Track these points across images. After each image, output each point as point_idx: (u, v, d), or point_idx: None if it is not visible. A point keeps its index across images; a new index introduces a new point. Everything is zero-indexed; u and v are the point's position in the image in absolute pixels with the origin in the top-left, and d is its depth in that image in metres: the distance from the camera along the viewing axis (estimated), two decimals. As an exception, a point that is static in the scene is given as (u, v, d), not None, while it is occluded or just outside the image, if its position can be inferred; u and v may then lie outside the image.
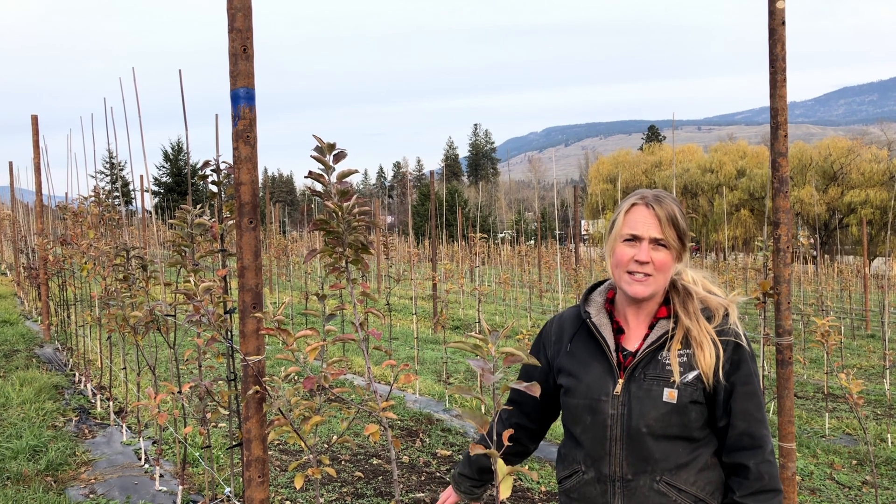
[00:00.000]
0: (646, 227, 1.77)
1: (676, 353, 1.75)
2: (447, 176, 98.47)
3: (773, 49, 2.39)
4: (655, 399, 1.73)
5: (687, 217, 1.86)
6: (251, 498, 2.04)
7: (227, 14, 1.90)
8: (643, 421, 1.73)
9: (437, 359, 9.68)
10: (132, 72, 4.36)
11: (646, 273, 1.77)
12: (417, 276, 15.22)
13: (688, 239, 1.83)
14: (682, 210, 1.83)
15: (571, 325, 1.94)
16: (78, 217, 5.97)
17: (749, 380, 1.74)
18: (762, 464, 1.71)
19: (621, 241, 1.81)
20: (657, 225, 1.77)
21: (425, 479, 4.96)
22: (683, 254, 1.83)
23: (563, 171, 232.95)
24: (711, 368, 1.71)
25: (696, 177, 49.92)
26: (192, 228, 3.09)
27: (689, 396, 1.72)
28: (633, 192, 1.86)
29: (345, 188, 1.81)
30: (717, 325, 1.77)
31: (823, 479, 5.34)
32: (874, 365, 10.74)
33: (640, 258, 1.76)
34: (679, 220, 1.79)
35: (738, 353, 1.75)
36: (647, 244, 1.77)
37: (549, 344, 1.98)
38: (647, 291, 1.78)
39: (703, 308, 1.80)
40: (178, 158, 54.67)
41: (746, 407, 1.72)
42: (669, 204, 1.79)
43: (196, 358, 3.30)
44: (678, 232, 1.79)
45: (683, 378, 1.73)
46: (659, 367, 1.76)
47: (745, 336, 1.79)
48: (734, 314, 1.79)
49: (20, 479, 4.54)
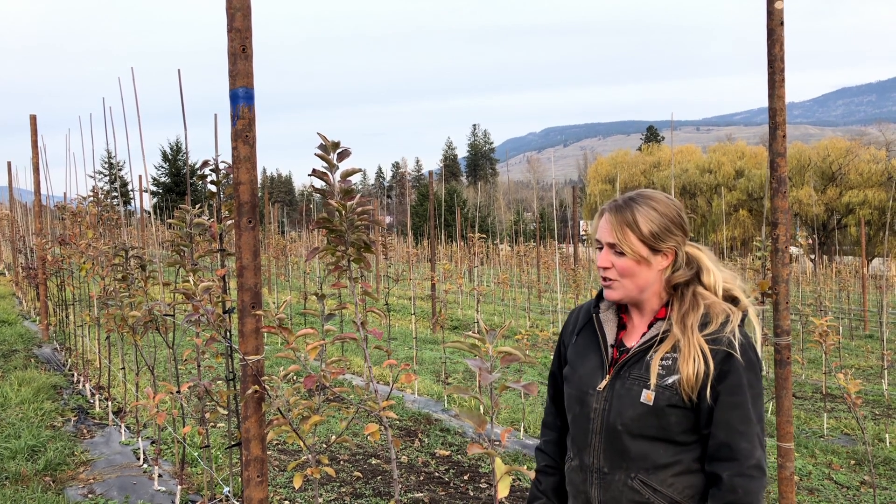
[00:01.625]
0: (603, 233, 1.82)
1: (662, 355, 1.75)
2: (446, 176, 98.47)
3: (772, 49, 2.39)
4: (633, 399, 1.75)
5: (672, 218, 1.79)
6: (250, 497, 2.04)
7: (226, 14, 1.90)
8: (620, 419, 1.76)
9: (436, 359, 9.68)
10: (131, 72, 4.36)
11: (609, 277, 1.82)
12: (416, 277, 15.22)
13: (666, 241, 1.78)
14: (660, 213, 1.78)
15: (583, 318, 1.99)
16: (76, 217, 5.97)
17: (735, 391, 1.69)
18: (737, 477, 1.66)
19: (596, 246, 1.87)
20: (610, 230, 1.80)
21: (424, 479, 4.97)
22: (658, 258, 1.79)
23: (562, 171, 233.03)
24: (692, 381, 1.69)
25: (694, 177, 49.94)
26: (190, 228, 3.09)
27: (666, 400, 1.71)
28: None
29: (348, 187, 1.81)
30: (711, 331, 1.72)
31: (822, 479, 5.34)
32: (872, 365, 10.76)
33: (600, 262, 1.83)
34: (640, 225, 1.76)
35: (727, 364, 1.70)
36: (605, 250, 1.82)
37: (567, 335, 2.03)
38: (616, 296, 1.83)
39: (704, 313, 1.76)
40: (177, 158, 54.60)
41: (728, 418, 1.68)
42: (634, 209, 1.78)
43: (195, 358, 3.30)
44: (639, 237, 1.76)
45: (663, 381, 1.72)
46: (643, 368, 1.77)
47: (746, 345, 1.73)
48: (735, 322, 1.74)
49: (19, 478, 4.54)
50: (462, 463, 5.36)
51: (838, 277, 21.20)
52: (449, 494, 4.70)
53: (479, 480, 5.00)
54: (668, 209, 1.80)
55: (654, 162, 55.63)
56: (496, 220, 38.84)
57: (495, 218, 40.34)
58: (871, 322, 16.02)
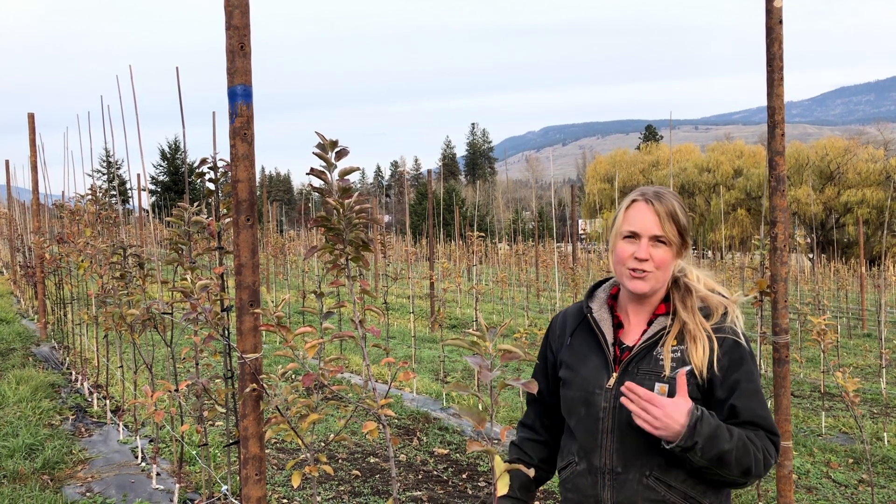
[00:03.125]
0: (644, 224, 1.78)
1: (670, 348, 1.76)
2: (445, 175, 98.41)
3: (771, 48, 2.39)
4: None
5: (688, 214, 1.86)
6: (248, 496, 2.04)
7: (224, 11, 1.90)
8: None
9: (435, 357, 9.67)
10: (129, 70, 4.35)
11: (645, 269, 1.78)
12: (415, 275, 15.22)
13: (689, 235, 1.83)
14: (683, 206, 1.83)
15: (574, 320, 1.96)
16: (75, 215, 5.97)
17: (750, 377, 1.74)
18: (769, 437, 1.73)
19: (622, 237, 1.82)
20: (656, 221, 1.77)
21: (422, 478, 4.97)
22: (684, 250, 1.84)
23: (561, 170, 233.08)
24: (704, 363, 1.72)
25: (693, 176, 49.99)
26: (189, 226, 3.09)
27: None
28: (635, 190, 1.87)
29: (346, 185, 1.81)
30: (715, 322, 1.77)
31: (820, 478, 5.35)
32: (870, 364, 10.78)
33: (640, 255, 1.78)
34: (679, 217, 1.80)
35: (737, 351, 1.75)
36: (646, 241, 1.78)
37: (554, 339, 2.00)
38: (647, 287, 1.80)
39: (703, 306, 1.80)
40: (176, 157, 54.54)
41: (751, 405, 1.72)
42: (670, 200, 1.80)
43: (193, 356, 3.29)
44: (678, 228, 1.80)
45: (675, 373, 1.72)
46: (653, 362, 1.77)
47: (745, 335, 1.78)
48: (733, 313, 1.79)
49: (16, 477, 4.54)
50: (460, 461, 5.37)
51: (836, 276, 21.23)
52: (447, 493, 4.70)
53: (478, 479, 5.00)
54: (683, 207, 1.85)
55: (652, 161, 55.66)
56: (495, 218, 38.89)
57: (494, 217, 40.37)
58: (869, 321, 16.04)
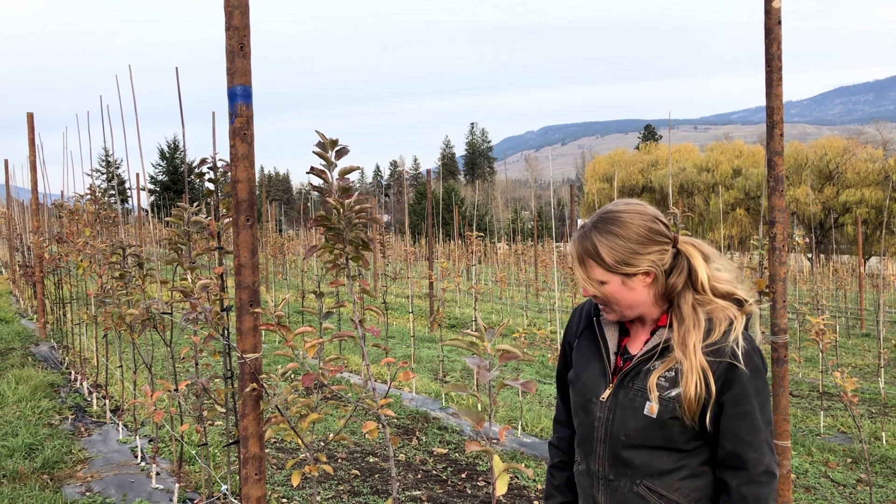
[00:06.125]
0: (575, 268, 1.80)
1: (664, 370, 1.72)
2: (444, 175, 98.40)
3: (770, 48, 2.40)
4: (637, 411, 1.73)
5: (640, 238, 1.71)
6: (248, 495, 2.04)
7: (224, 12, 1.90)
8: (623, 430, 1.74)
9: (434, 357, 9.68)
10: (129, 70, 4.35)
11: (601, 303, 1.80)
12: (414, 275, 15.23)
13: (638, 263, 1.71)
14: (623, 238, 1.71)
15: (585, 319, 1.96)
16: (74, 215, 5.96)
17: (741, 401, 1.67)
18: (745, 485, 1.67)
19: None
20: (579, 266, 1.78)
21: (422, 478, 4.97)
22: (636, 280, 1.73)
23: (560, 170, 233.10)
24: (693, 404, 1.67)
25: (692, 176, 49.99)
26: (188, 226, 3.09)
27: (670, 412, 1.70)
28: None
29: (346, 184, 1.82)
30: (714, 340, 1.68)
31: (818, 477, 5.36)
32: (869, 364, 10.79)
33: (585, 295, 1.82)
34: (603, 257, 1.71)
35: (731, 374, 1.67)
36: (582, 283, 1.79)
37: (570, 333, 2.01)
38: (616, 317, 1.81)
39: (708, 318, 1.71)
40: (175, 156, 54.48)
41: (735, 428, 1.67)
42: (595, 239, 1.72)
43: (193, 356, 3.30)
44: (606, 268, 1.72)
45: (666, 393, 1.70)
46: (646, 380, 1.75)
47: (751, 350, 1.69)
48: (739, 327, 1.69)
49: (16, 477, 4.54)
50: (460, 461, 5.37)
51: (835, 276, 21.25)
52: (447, 492, 4.71)
53: (477, 478, 5.01)
54: (635, 229, 1.71)
55: (651, 160, 55.64)
56: (494, 218, 38.89)
57: (493, 216, 40.38)
58: (868, 321, 16.05)
